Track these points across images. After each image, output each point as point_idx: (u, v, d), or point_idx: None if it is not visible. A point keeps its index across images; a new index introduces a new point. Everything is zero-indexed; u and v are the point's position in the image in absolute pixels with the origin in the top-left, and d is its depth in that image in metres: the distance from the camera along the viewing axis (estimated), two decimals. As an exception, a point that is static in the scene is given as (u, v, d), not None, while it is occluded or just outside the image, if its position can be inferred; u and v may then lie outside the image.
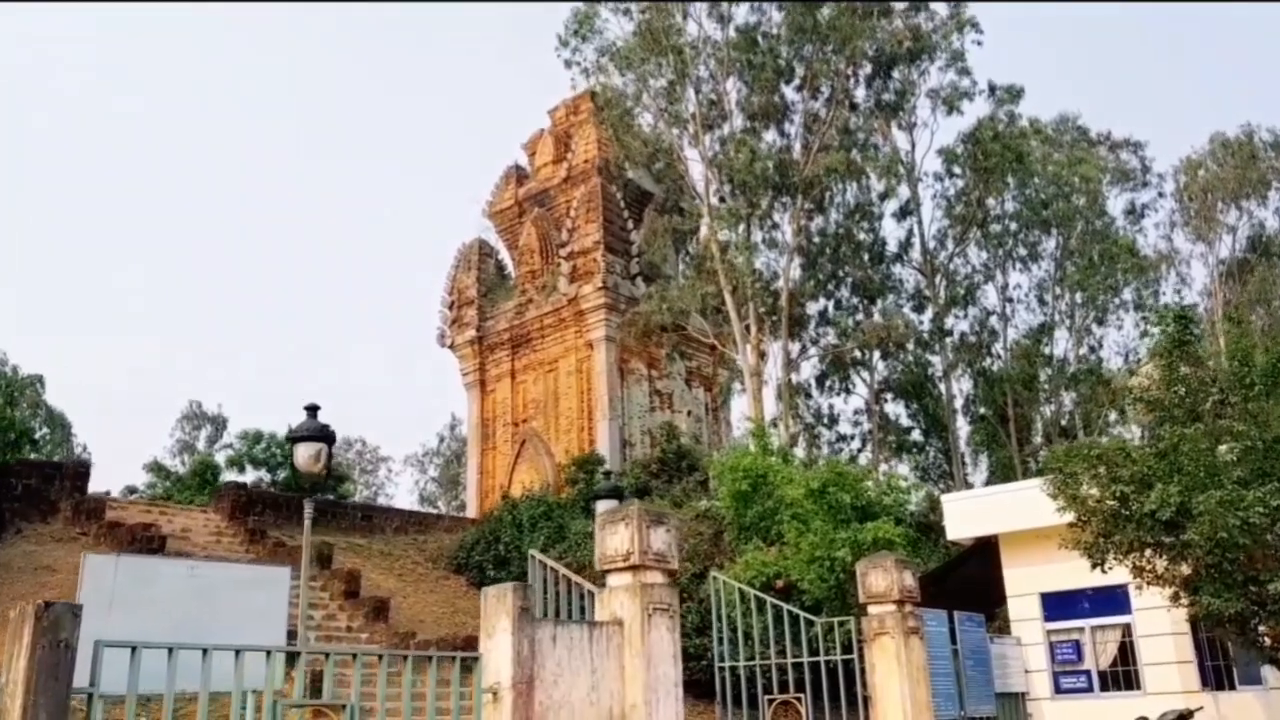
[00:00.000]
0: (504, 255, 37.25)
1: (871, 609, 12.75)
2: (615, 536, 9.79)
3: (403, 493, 63.64)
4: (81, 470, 20.68)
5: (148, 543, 16.88)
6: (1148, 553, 11.35)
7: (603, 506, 16.61)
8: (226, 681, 6.53)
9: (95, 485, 21.73)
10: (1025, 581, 15.54)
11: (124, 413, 70.03)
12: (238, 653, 6.45)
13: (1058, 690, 15.13)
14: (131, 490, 36.77)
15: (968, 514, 16.02)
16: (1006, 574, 15.83)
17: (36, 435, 45.86)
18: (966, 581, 17.32)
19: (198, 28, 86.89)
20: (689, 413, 33.09)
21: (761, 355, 28.12)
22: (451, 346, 35.96)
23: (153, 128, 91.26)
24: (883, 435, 32.73)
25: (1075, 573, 13.86)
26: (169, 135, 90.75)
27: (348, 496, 38.25)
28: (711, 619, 13.13)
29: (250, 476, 43.88)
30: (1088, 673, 14.95)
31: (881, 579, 12.74)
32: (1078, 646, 15.07)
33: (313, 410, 12.81)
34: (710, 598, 13.22)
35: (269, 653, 6.86)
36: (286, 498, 23.52)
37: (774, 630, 12.81)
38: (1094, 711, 14.63)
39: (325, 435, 12.73)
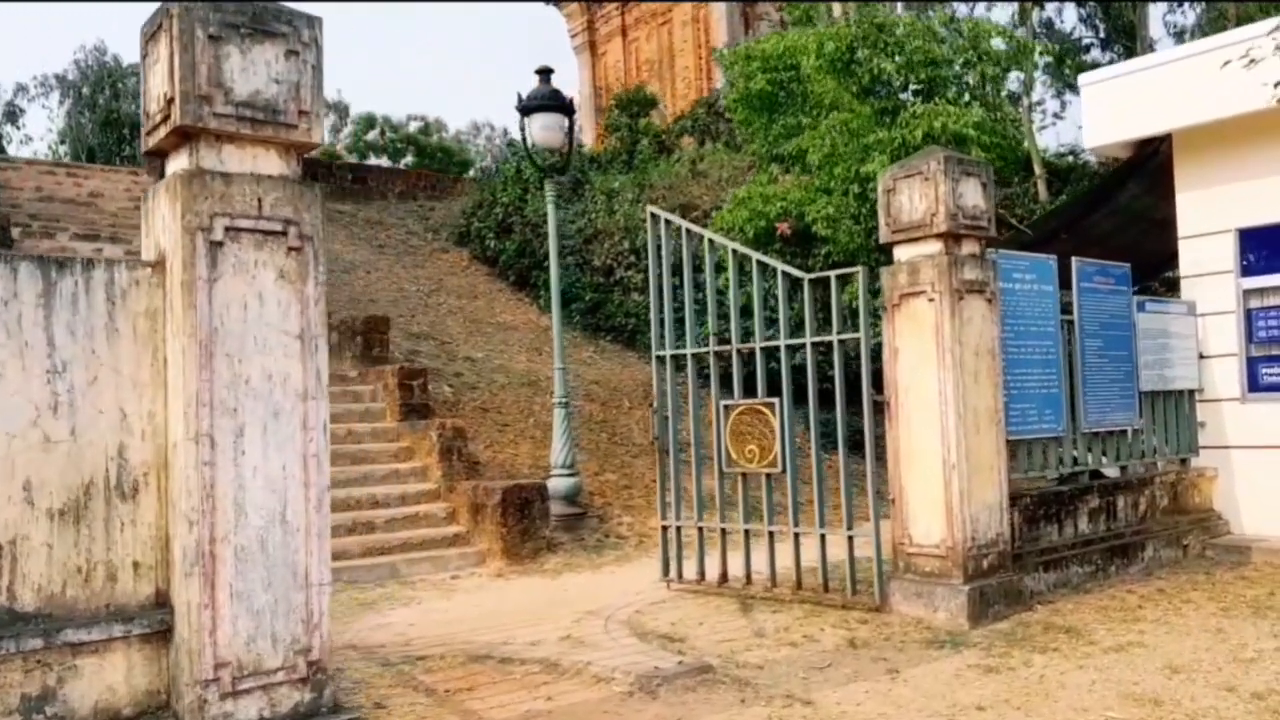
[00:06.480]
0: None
1: (899, 252, 7.05)
2: (157, 66, 4.30)
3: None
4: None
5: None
6: None
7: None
8: None
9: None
10: (1212, 212, 9.28)
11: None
12: None
13: (1255, 386, 9.23)
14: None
15: (1121, 103, 9.51)
16: (1181, 203, 9.58)
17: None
18: (1115, 224, 11.07)
19: None
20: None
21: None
22: (556, 1, 31.50)
23: None
24: (1048, 53, 24.48)
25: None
26: None
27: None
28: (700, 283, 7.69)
29: (372, 163, 40.94)
30: (1310, 359, 8.92)
31: (917, 195, 6.89)
32: (1297, 316, 8.98)
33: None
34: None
35: None
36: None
37: (759, 297, 7.36)
38: (1316, 424, 8.71)
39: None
